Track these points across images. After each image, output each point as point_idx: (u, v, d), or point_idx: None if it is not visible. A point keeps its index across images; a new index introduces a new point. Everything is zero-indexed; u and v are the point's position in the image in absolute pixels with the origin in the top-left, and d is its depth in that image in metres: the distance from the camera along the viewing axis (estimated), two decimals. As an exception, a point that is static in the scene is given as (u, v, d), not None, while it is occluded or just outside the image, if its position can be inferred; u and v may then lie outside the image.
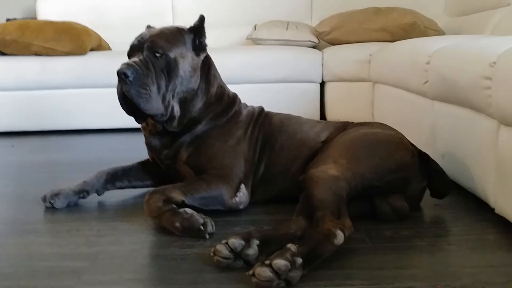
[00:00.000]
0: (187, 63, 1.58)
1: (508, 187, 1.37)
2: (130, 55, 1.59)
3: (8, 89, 3.33)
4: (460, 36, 2.39)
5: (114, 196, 1.76)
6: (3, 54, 3.44)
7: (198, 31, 1.61)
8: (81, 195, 1.71)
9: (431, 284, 1.10)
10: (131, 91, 1.49)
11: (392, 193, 1.47)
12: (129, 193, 1.79)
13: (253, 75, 3.37)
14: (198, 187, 1.51)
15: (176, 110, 1.59)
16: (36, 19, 3.90)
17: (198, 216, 1.39)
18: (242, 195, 1.57)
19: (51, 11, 4.02)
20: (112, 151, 2.77)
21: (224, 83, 1.73)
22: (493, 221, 1.46)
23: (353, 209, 1.34)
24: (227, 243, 1.17)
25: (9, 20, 3.93)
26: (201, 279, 1.14)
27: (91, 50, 3.49)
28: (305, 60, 3.41)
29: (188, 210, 1.42)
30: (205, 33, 1.63)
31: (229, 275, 1.14)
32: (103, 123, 3.35)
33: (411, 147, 1.54)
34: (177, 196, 1.46)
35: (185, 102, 1.60)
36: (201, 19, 1.62)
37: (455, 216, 1.54)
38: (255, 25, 3.75)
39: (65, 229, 1.48)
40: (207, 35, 1.65)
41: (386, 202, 1.47)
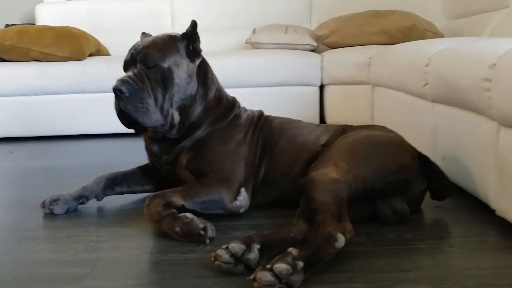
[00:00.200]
0: (182, 71, 1.57)
1: (509, 189, 1.36)
2: (125, 69, 1.58)
3: (7, 95, 3.32)
4: (460, 38, 2.39)
5: (114, 202, 1.76)
6: (2, 60, 3.44)
7: (191, 37, 1.60)
8: (81, 201, 1.70)
9: (434, 287, 1.09)
10: (128, 107, 1.48)
11: (393, 196, 1.46)
12: (129, 198, 1.79)
13: (253, 79, 3.37)
14: (199, 191, 1.50)
15: (176, 118, 1.58)
16: (35, 25, 3.90)
17: (199, 221, 1.39)
18: (243, 199, 1.56)
19: (50, 17, 4.03)
20: (111, 156, 2.76)
21: (222, 87, 1.72)
22: (494, 223, 1.46)
23: (354, 212, 1.33)
24: (228, 248, 1.16)
25: (8, 26, 3.93)
26: (202, 284, 1.13)
27: (90, 55, 3.49)
28: (304, 64, 3.41)
29: (189, 215, 1.41)
30: (199, 38, 1.62)
31: (230, 280, 1.14)
32: (103, 128, 3.35)
33: (411, 149, 1.53)
34: (178, 201, 1.45)
35: (184, 109, 1.60)
36: (193, 25, 1.60)
37: (456, 218, 1.54)
38: (254, 29, 3.75)
39: (65, 235, 1.47)
40: (206, 40, 1.64)
41: (387, 205, 1.46)
